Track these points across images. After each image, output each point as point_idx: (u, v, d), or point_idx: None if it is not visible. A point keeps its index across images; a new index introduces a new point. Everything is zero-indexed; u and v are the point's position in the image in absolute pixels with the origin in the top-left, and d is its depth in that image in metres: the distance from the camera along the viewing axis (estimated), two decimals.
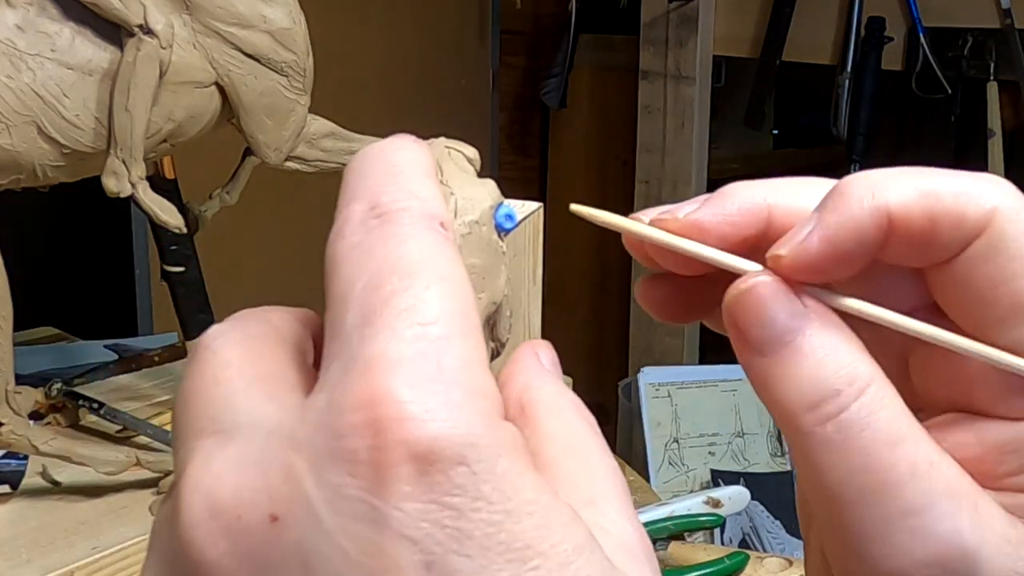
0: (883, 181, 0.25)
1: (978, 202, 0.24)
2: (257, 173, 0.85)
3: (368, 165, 0.24)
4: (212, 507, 0.20)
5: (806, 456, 0.24)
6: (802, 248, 0.25)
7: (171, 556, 0.21)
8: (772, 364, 0.25)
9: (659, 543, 0.92)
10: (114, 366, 1.01)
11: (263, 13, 0.73)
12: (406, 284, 0.21)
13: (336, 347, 0.21)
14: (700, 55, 2.01)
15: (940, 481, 0.24)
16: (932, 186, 0.25)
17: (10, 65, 0.66)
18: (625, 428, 1.93)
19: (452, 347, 0.20)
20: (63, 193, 0.76)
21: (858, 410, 0.24)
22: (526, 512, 0.19)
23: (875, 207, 0.24)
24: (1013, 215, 0.24)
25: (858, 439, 0.24)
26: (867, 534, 0.24)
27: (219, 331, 0.23)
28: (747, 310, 0.25)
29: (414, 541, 0.19)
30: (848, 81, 1.90)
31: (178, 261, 0.90)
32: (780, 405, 0.25)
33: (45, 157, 0.69)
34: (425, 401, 0.19)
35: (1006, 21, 1.72)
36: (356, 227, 0.22)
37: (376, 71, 2.01)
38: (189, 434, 0.22)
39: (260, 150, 0.77)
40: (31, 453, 0.73)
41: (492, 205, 0.28)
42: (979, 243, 0.24)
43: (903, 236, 0.25)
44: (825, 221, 0.25)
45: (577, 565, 0.19)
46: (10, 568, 0.69)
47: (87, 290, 1.74)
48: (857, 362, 0.24)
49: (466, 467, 0.19)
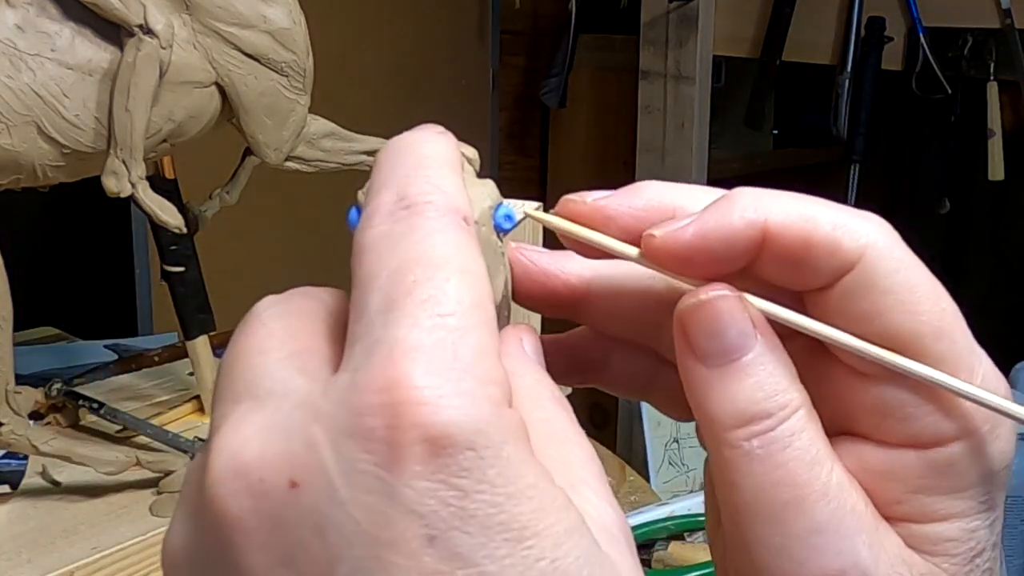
0: (768, 199, 0.26)
1: (853, 235, 0.25)
2: (257, 173, 0.85)
3: (399, 156, 0.25)
4: (237, 467, 0.22)
5: (726, 469, 0.25)
6: (674, 235, 0.26)
7: (197, 507, 0.22)
8: (713, 377, 0.26)
9: (659, 543, 0.92)
10: (114, 366, 1.01)
11: (263, 13, 0.73)
12: (429, 275, 0.22)
13: (359, 329, 0.22)
14: (700, 55, 2.01)
15: (847, 502, 0.25)
16: (813, 213, 0.26)
17: (10, 65, 0.66)
18: (625, 428, 1.93)
19: (468, 337, 0.22)
20: (63, 193, 0.76)
21: (784, 430, 0.25)
22: (526, 496, 0.21)
23: (753, 219, 0.26)
24: (886, 252, 0.25)
25: (780, 456, 0.25)
26: (773, 548, 0.25)
27: (270, 302, 0.25)
28: (700, 322, 0.26)
29: (420, 516, 0.20)
30: (848, 81, 1.89)
31: (178, 261, 0.90)
32: (712, 417, 0.26)
33: (45, 157, 0.69)
34: (440, 387, 0.21)
35: (1006, 21, 1.72)
36: (385, 217, 0.24)
37: (376, 71, 2.01)
38: (227, 396, 0.23)
39: (260, 150, 0.77)
40: (31, 453, 0.73)
41: (492, 205, 0.28)
42: (853, 277, 0.25)
43: (778, 254, 0.26)
44: (704, 218, 0.26)
45: (568, 546, 0.21)
46: (10, 568, 0.69)
47: (87, 290, 1.74)
48: (791, 388, 0.26)
49: (474, 452, 0.21)
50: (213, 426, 0.23)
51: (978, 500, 0.26)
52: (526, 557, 0.21)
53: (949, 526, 0.26)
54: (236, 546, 0.21)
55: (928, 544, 0.26)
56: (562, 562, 0.21)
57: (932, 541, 0.26)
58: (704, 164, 2.08)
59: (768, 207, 0.26)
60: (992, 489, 0.26)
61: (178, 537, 0.23)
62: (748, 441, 0.25)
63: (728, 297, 0.26)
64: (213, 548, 0.22)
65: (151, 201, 0.72)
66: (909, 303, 0.25)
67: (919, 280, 0.25)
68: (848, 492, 0.25)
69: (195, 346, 0.91)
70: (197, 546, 0.22)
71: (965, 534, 0.26)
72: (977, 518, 0.26)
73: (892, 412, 0.26)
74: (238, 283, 1.32)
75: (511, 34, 2.32)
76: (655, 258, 0.27)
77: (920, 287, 0.25)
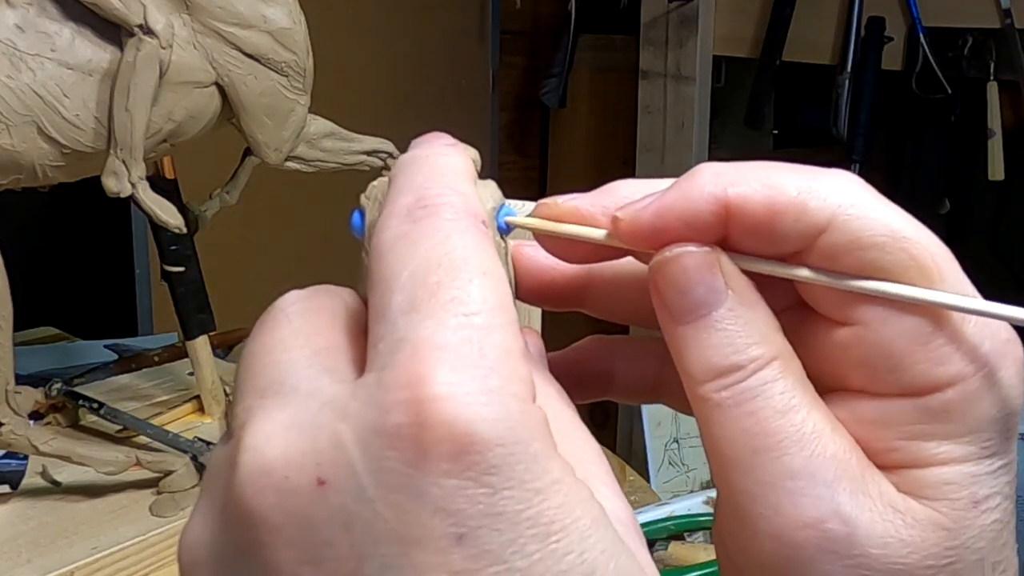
0: (730, 172, 0.26)
1: (819, 196, 0.25)
2: (257, 173, 0.85)
3: (415, 165, 0.26)
4: (263, 465, 0.22)
5: (703, 424, 0.26)
6: (636, 214, 0.26)
7: (223, 503, 0.22)
8: (686, 333, 0.26)
9: (659, 543, 0.92)
10: (114, 366, 1.01)
11: (263, 13, 0.73)
12: (452, 276, 0.22)
13: (382, 329, 0.22)
14: (700, 55, 2.01)
15: (825, 449, 0.25)
16: (775, 180, 0.26)
17: (10, 65, 0.66)
18: (625, 428, 1.93)
19: (493, 336, 0.22)
20: (63, 193, 0.76)
21: (753, 381, 0.25)
22: (553, 491, 0.21)
23: (713, 194, 0.26)
24: (859, 209, 0.25)
25: (749, 404, 0.25)
26: (750, 494, 0.25)
27: (295, 298, 0.26)
28: (668, 278, 0.26)
29: (449, 514, 0.20)
30: (848, 81, 1.89)
31: (178, 261, 0.90)
32: (687, 373, 0.26)
33: (45, 157, 0.69)
34: (466, 385, 0.21)
35: (1006, 21, 1.72)
36: (403, 219, 0.24)
37: (376, 71, 2.01)
38: (251, 390, 0.23)
39: (260, 150, 0.77)
40: (31, 453, 0.73)
41: (495, 206, 0.28)
42: (828, 237, 0.25)
43: (744, 225, 0.26)
44: (665, 196, 0.26)
45: (594, 539, 0.21)
46: (10, 568, 0.69)
47: (87, 290, 1.74)
48: (765, 340, 0.26)
49: (504, 448, 0.21)
50: (237, 420, 0.23)
51: (979, 445, 0.25)
52: (555, 551, 0.21)
53: (948, 470, 0.25)
54: (262, 543, 0.21)
55: (926, 488, 0.25)
56: (589, 555, 0.21)
57: (930, 485, 0.25)
58: None
59: (729, 179, 0.26)
60: (995, 435, 0.25)
61: (201, 533, 0.23)
62: (718, 393, 0.25)
63: (694, 253, 0.26)
64: (238, 545, 0.22)
65: (151, 201, 0.72)
66: (893, 251, 0.25)
67: (900, 226, 0.25)
68: (827, 440, 0.25)
69: (195, 346, 0.91)
70: (221, 542, 0.22)
71: (966, 478, 0.25)
72: (980, 464, 0.25)
73: (881, 363, 0.26)
74: (238, 283, 1.32)
75: (511, 34, 2.32)
76: (623, 239, 0.27)
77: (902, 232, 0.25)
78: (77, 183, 0.74)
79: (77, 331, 1.26)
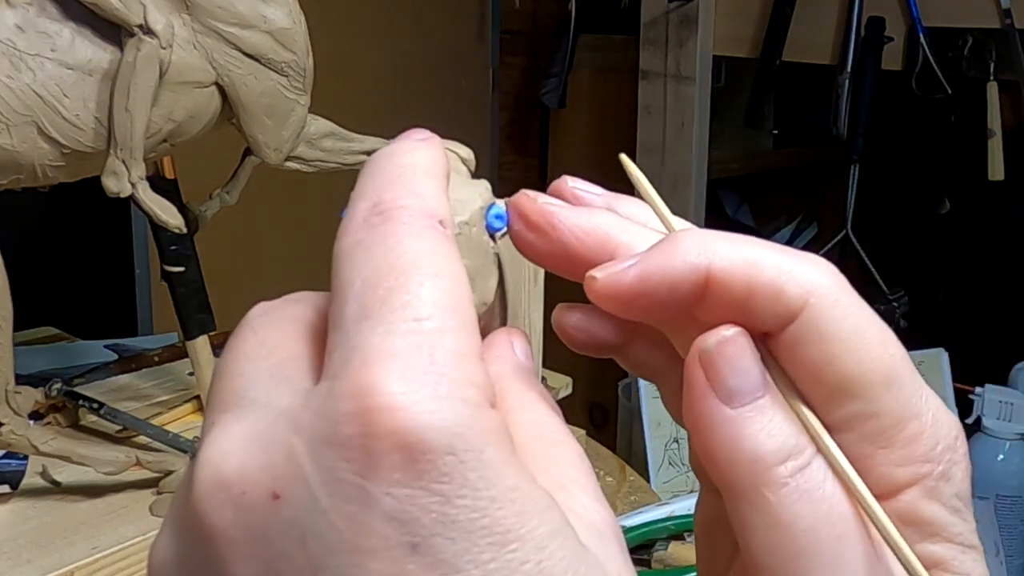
0: (713, 241, 0.25)
1: (797, 281, 0.25)
2: (257, 173, 0.85)
3: (377, 167, 0.25)
4: (219, 480, 0.22)
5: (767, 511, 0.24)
6: (616, 278, 0.26)
7: (183, 520, 0.23)
8: (742, 415, 0.25)
9: (659, 543, 0.92)
10: (114, 366, 1.01)
11: (263, 13, 0.73)
12: (402, 281, 0.22)
13: (337, 338, 0.22)
14: (700, 55, 2.01)
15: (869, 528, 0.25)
16: (757, 257, 0.25)
17: (10, 65, 0.66)
18: (625, 428, 1.93)
19: (444, 341, 0.22)
20: (63, 193, 0.76)
21: (817, 462, 0.25)
22: (508, 499, 0.21)
23: (696, 264, 0.25)
24: (832, 298, 0.25)
25: (822, 488, 0.25)
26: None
27: (261, 310, 0.26)
28: (727, 359, 0.25)
29: (402, 523, 0.20)
30: (848, 81, 1.89)
31: (178, 261, 0.90)
32: (752, 456, 0.25)
33: (45, 157, 0.69)
34: (415, 392, 0.21)
35: (1006, 21, 1.72)
36: (359, 225, 0.24)
37: (376, 71, 2.01)
38: (216, 405, 0.24)
39: (260, 150, 0.77)
40: (31, 453, 0.73)
41: (483, 206, 0.28)
42: (799, 324, 0.25)
43: (721, 298, 0.25)
44: (646, 261, 0.26)
45: (552, 548, 0.21)
46: (10, 568, 0.69)
47: (87, 290, 1.74)
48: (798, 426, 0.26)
49: (453, 456, 0.21)
50: (202, 434, 0.23)
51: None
52: (511, 560, 0.20)
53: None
54: (221, 559, 0.21)
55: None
56: (547, 564, 0.21)
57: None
58: (704, 164, 2.08)
59: (712, 250, 0.25)
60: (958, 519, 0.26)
61: (165, 550, 0.23)
62: (793, 476, 0.24)
63: (746, 333, 0.25)
64: (199, 561, 0.22)
65: (151, 201, 0.72)
66: (857, 351, 0.25)
67: (866, 326, 0.25)
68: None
69: (195, 346, 0.91)
70: (183, 558, 0.22)
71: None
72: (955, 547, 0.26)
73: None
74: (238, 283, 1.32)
75: (511, 34, 2.32)
76: (597, 299, 0.26)
77: (867, 333, 0.25)
78: (77, 183, 0.74)
79: (77, 331, 1.26)
